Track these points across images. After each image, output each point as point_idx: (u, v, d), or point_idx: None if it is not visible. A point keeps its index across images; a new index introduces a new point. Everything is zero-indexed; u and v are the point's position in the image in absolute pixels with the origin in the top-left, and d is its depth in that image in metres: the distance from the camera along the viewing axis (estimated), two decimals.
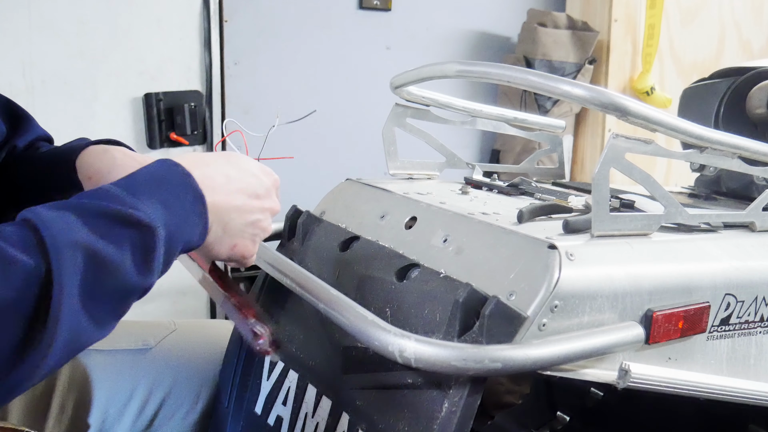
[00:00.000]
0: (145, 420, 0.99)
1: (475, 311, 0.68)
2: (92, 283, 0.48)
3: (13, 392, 0.44)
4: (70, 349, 0.47)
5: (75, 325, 0.47)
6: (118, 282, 0.51)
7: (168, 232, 0.55)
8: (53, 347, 0.44)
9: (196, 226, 0.60)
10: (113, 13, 1.76)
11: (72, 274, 0.46)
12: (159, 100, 1.82)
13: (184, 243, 0.59)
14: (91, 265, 0.48)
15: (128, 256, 0.51)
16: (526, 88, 0.77)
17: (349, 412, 0.81)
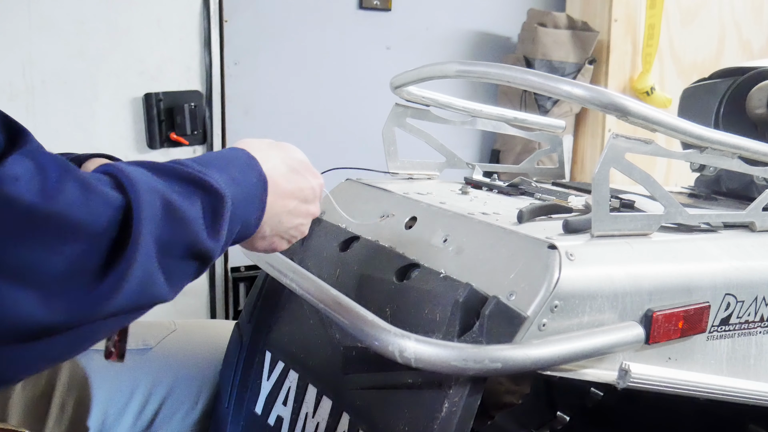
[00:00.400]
0: (145, 420, 0.99)
1: (475, 311, 0.68)
2: (167, 232, 0.49)
3: (85, 316, 0.43)
4: (141, 292, 0.47)
5: (149, 265, 0.46)
6: (189, 237, 0.51)
7: (234, 204, 0.56)
8: (128, 279, 0.44)
9: (255, 210, 0.61)
10: (113, 13, 1.76)
11: (150, 214, 0.46)
12: (159, 100, 1.82)
13: (243, 223, 0.59)
14: (167, 212, 0.49)
15: (200, 215, 0.52)
16: (526, 88, 0.77)
17: (350, 412, 0.81)
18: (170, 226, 0.49)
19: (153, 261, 0.47)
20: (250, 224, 0.61)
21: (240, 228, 0.60)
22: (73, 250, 0.42)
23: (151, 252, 0.47)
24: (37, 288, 0.41)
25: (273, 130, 2.22)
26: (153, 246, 0.47)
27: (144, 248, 0.45)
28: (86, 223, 0.43)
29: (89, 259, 0.43)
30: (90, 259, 0.43)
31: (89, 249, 0.43)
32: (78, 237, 0.42)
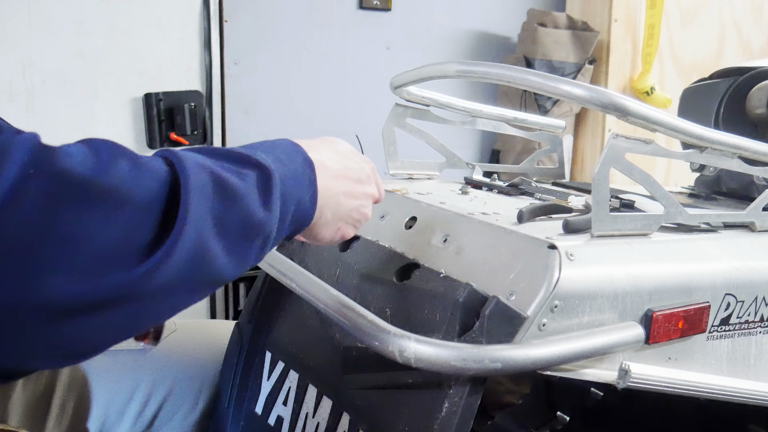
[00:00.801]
0: (146, 420, 0.99)
1: (475, 311, 0.68)
2: (219, 206, 0.49)
3: (138, 288, 0.43)
4: (195, 266, 0.47)
5: (202, 238, 0.47)
6: (242, 210, 0.51)
7: (282, 181, 0.56)
8: (178, 250, 0.45)
9: (307, 190, 0.61)
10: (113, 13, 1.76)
11: (198, 186, 0.47)
12: (159, 100, 1.82)
13: (297, 203, 0.59)
14: (216, 186, 0.49)
15: (252, 189, 0.53)
16: (526, 88, 0.77)
17: (350, 412, 0.81)
18: (221, 199, 0.49)
19: (206, 234, 0.47)
20: (306, 205, 0.61)
21: (295, 209, 0.59)
22: (124, 221, 0.42)
23: (203, 225, 0.47)
24: (89, 259, 0.41)
25: (273, 130, 2.22)
26: (205, 219, 0.47)
27: (193, 220, 0.46)
28: (136, 195, 0.44)
29: (139, 230, 0.43)
30: (140, 231, 0.44)
31: (139, 220, 0.43)
32: (128, 208, 0.43)
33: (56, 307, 0.41)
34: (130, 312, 0.45)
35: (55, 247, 0.40)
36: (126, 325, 0.47)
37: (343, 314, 0.71)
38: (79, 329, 0.43)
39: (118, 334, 0.47)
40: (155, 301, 0.46)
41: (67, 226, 0.40)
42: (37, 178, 0.40)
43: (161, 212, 0.45)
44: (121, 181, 0.43)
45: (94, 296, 0.42)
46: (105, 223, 0.42)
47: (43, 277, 0.40)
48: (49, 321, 0.41)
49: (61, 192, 0.41)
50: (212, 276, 0.50)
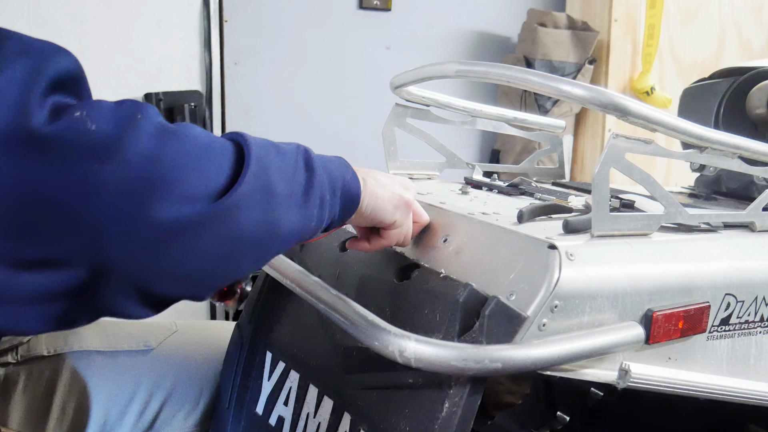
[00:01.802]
0: (147, 421, 0.99)
1: (475, 311, 0.68)
2: (276, 159, 0.58)
3: (218, 210, 0.52)
4: (265, 197, 0.56)
5: (267, 177, 0.56)
6: (293, 166, 0.60)
7: (319, 158, 0.64)
8: (247, 181, 0.54)
9: (344, 166, 0.68)
10: (113, 13, 1.76)
11: (258, 143, 0.57)
12: (159, 100, 1.82)
13: (342, 179, 0.67)
14: (272, 146, 0.60)
15: (296, 154, 0.62)
16: (526, 88, 0.77)
17: (351, 412, 0.81)
18: (276, 155, 0.59)
19: (270, 176, 0.57)
20: (348, 179, 0.67)
21: (343, 185, 0.66)
22: (207, 163, 0.53)
23: (266, 168, 0.56)
24: (187, 189, 0.51)
25: (273, 130, 2.22)
26: (267, 165, 0.57)
27: (256, 161, 0.55)
28: (214, 144, 0.55)
29: (220, 169, 0.54)
30: (220, 170, 0.54)
31: (219, 163, 0.54)
32: (209, 153, 0.54)
33: (165, 225, 0.50)
34: (219, 235, 0.53)
35: (163, 176, 0.49)
36: (219, 249, 0.54)
37: (343, 314, 0.72)
38: (185, 247, 0.51)
39: (216, 258, 0.54)
40: (237, 227, 0.54)
41: (170, 161, 0.50)
42: (144, 122, 0.50)
43: (233, 160, 0.55)
44: (202, 136, 0.54)
45: (191, 217, 0.51)
46: (195, 162, 0.52)
47: (154, 201, 0.49)
48: (162, 238, 0.50)
49: (165, 135, 0.50)
50: (284, 215, 0.58)
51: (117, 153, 0.48)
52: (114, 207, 0.48)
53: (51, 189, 0.46)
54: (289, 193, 0.59)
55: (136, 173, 0.48)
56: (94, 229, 0.48)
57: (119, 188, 0.48)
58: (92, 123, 0.48)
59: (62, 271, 0.48)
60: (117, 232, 0.48)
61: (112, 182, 0.47)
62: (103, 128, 0.48)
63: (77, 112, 0.48)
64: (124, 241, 0.49)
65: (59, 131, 0.46)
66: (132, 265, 0.50)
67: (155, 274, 0.52)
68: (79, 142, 0.47)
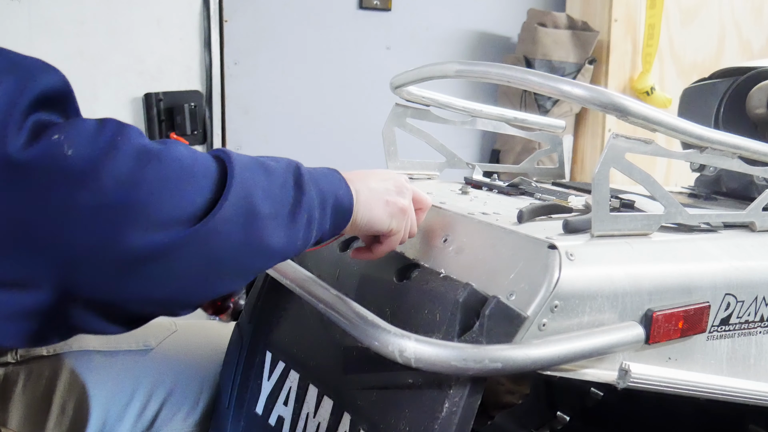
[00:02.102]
0: (146, 421, 0.99)
1: (475, 311, 0.68)
2: (262, 179, 0.58)
3: (196, 234, 0.52)
4: (246, 220, 0.55)
5: (249, 198, 0.56)
6: (283, 184, 0.60)
7: (309, 172, 0.64)
8: (228, 203, 0.54)
9: (337, 181, 0.68)
10: (113, 13, 1.76)
11: (242, 164, 0.57)
12: (159, 100, 1.83)
13: (334, 195, 0.66)
14: (257, 165, 0.59)
15: (285, 171, 0.62)
16: (526, 88, 0.77)
17: (351, 412, 0.81)
18: (262, 174, 0.59)
19: (253, 197, 0.56)
20: (341, 193, 0.67)
21: (335, 200, 0.66)
22: (186, 186, 0.53)
23: (249, 188, 0.56)
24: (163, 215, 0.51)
25: (273, 130, 2.22)
26: (250, 185, 0.56)
27: (239, 182, 0.55)
28: (196, 167, 0.54)
29: (200, 192, 0.54)
30: (200, 192, 0.54)
31: (200, 185, 0.54)
32: (190, 177, 0.53)
33: (137, 252, 0.50)
34: (196, 259, 0.53)
35: (139, 201, 0.49)
36: (196, 272, 0.54)
37: (343, 314, 0.71)
38: (159, 272, 0.51)
39: (193, 280, 0.54)
40: (215, 250, 0.54)
41: (148, 185, 0.50)
42: (124, 144, 0.49)
43: (215, 182, 0.54)
44: (185, 158, 0.54)
45: (166, 243, 0.50)
46: (174, 185, 0.51)
47: (129, 227, 0.49)
48: (133, 265, 0.50)
49: (144, 158, 0.50)
50: (266, 236, 0.57)
51: (93, 179, 0.48)
52: (86, 233, 0.48)
53: (23, 213, 0.47)
54: (274, 214, 0.58)
55: (111, 199, 0.48)
56: (65, 254, 0.48)
57: (92, 214, 0.48)
58: (69, 147, 0.47)
59: (32, 292, 0.49)
60: (87, 258, 0.49)
61: (85, 208, 0.47)
62: (80, 152, 0.47)
63: (56, 135, 0.47)
64: (94, 267, 0.49)
65: (35, 157, 0.46)
66: (101, 290, 0.50)
67: (126, 298, 0.52)
68: (54, 168, 0.47)
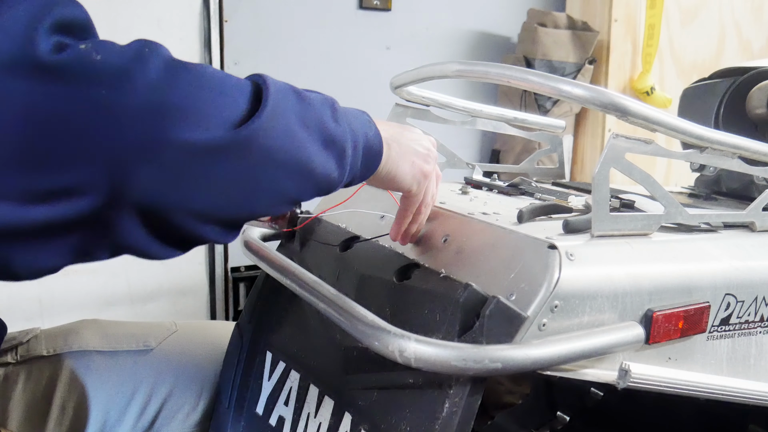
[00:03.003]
0: (146, 421, 0.99)
1: (475, 311, 0.68)
2: (297, 105, 0.58)
3: (236, 139, 0.52)
4: (283, 134, 0.56)
5: (286, 117, 0.56)
6: (318, 115, 0.60)
7: (344, 111, 0.64)
8: (265, 116, 0.54)
9: (368, 124, 0.68)
10: (113, 13, 1.76)
11: (279, 87, 0.57)
12: None
13: (365, 136, 0.66)
14: (294, 92, 0.59)
15: (321, 103, 0.62)
16: (526, 88, 0.77)
17: (352, 412, 0.81)
18: (298, 101, 0.58)
19: (289, 118, 0.56)
20: (370, 135, 0.67)
21: (364, 141, 0.66)
22: (221, 94, 0.53)
23: (285, 109, 0.56)
24: (202, 116, 0.51)
25: None
26: (286, 107, 0.56)
27: (274, 103, 0.55)
28: (227, 81, 0.54)
29: (243, 104, 0.54)
30: (236, 105, 0.54)
31: (235, 97, 0.54)
32: (225, 87, 0.53)
33: (184, 147, 0.50)
34: (236, 165, 0.53)
35: (176, 103, 0.50)
36: (236, 181, 0.54)
37: (343, 314, 0.71)
38: (204, 174, 0.51)
39: (234, 191, 0.54)
40: (261, 157, 0.54)
41: (182, 90, 0.50)
42: (152, 54, 0.50)
43: (250, 96, 0.54)
44: (217, 72, 0.54)
45: (209, 143, 0.50)
46: (208, 94, 0.52)
47: (168, 126, 0.49)
48: (180, 161, 0.50)
49: (175, 68, 0.50)
50: (303, 158, 0.57)
51: (125, 82, 0.48)
52: (129, 131, 0.48)
53: (61, 115, 0.46)
54: (309, 138, 0.58)
55: (147, 99, 0.48)
56: (109, 154, 0.47)
57: (132, 113, 0.48)
58: (98, 54, 0.48)
59: (76, 200, 0.48)
60: (133, 155, 0.48)
61: (123, 107, 0.47)
62: (109, 59, 0.48)
63: (82, 45, 0.48)
64: (141, 164, 0.48)
65: (64, 59, 0.46)
66: (148, 190, 0.49)
67: (173, 202, 0.51)
68: (85, 71, 0.47)
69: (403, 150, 0.72)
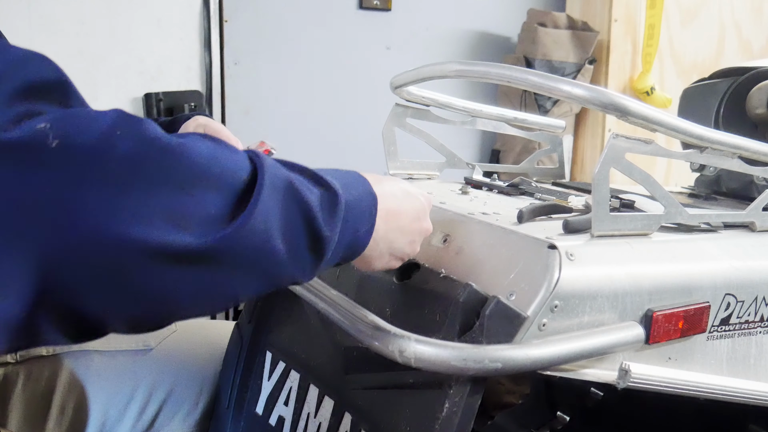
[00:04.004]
0: (146, 421, 0.99)
1: (475, 311, 0.68)
2: (286, 210, 0.53)
3: (204, 249, 0.47)
4: (259, 247, 0.50)
5: (267, 227, 0.50)
6: (308, 222, 0.55)
7: (347, 204, 0.59)
8: (245, 229, 0.49)
9: (365, 222, 0.63)
10: (113, 13, 1.77)
11: (272, 186, 0.51)
12: (159, 100, 1.83)
13: (353, 233, 0.61)
14: (288, 192, 0.53)
15: (318, 206, 0.56)
16: (526, 88, 0.77)
17: (352, 412, 0.81)
18: (290, 204, 0.53)
19: (271, 226, 0.51)
20: (359, 237, 0.63)
21: (351, 239, 0.61)
22: (201, 192, 0.47)
23: (270, 217, 0.51)
24: (166, 217, 0.46)
25: (273, 130, 2.22)
26: (273, 214, 0.51)
27: (263, 210, 0.50)
28: (213, 172, 0.49)
29: (215, 203, 0.48)
30: (215, 204, 0.48)
31: (216, 195, 0.48)
32: (207, 183, 0.48)
33: (139, 250, 0.45)
34: (200, 274, 0.48)
35: (138, 197, 0.44)
36: (198, 288, 0.49)
37: (343, 314, 0.71)
38: (161, 278, 0.46)
39: (192, 296, 0.49)
40: (224, 270, 0.49)
41: (149, 178, 0.45)
42: (123, 138, 0.44)
43: (237, 195, 0.49)
44: (202, 159, 0.48)
45: (171, 248, 0.45)
46: (181, 191, 0.46)
47: (130, 222, 0.44)
48: (137, 264, 0.45)
49: (144, 154, 0.45)
50: (273, 268, 0.52)
51: (80, 174, 0.43)
52: (72, 229, 0.43)
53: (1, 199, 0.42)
54: (286, 249, 0.53)
55: (101, 196, 0.43)
56: (44, 253, 0.42)
57: (80, 209, 0.43)
58: (55, 138, 0.42)
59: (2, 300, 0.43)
60: (73, 257, 0.43)
61: (71, 201, 0.43)
62: (66, 143, 0.43)
63: (42, 123, 0.43)
64: (80, 267, 0.44)
65: (14, 139, 0.42)
66: (82, 295, 0.45)
67: (107, 309, 0.47)
68: (35, 155, 0.42)
69: (387, 250, 0.69)
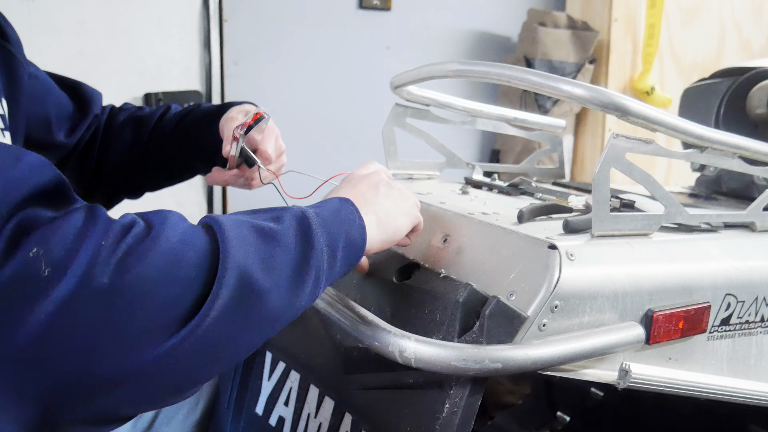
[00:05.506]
0: (146, 421, 0.99)
1: (475, 311, 0.68)
2: (261, 249, 0.54)
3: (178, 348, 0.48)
4: (243, 302, 0.51)
5: (246, 277, 0.51)
6: (286, 248, 0.56)
7: (319, 219, 0.61)
8: (221, 298, 0.49)
9: (349, 217, 0.64)
10: (113, 13, 1.76)
11: (238, 238, 0.52)
12: (159, 100, 1.82)
13: (346, 233, 0.63)
14: (256, 233, 0.54)
15: (289, 228, 0.57)
16: (526, 88, 0.77)
17: (352, 413, 0.81)
18: (262, 242, 0.54)
19: (251, 274, 0.51)
20: (353, 230, 0.64)
21: (345, 237, 0.63)
22: (165, 300, 0.48)
23: (247, 267, 0.51)
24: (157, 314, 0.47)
25: None
26: (247, 262, 0.52)
27: (234, 265, 0.50)
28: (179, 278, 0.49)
29: (183, 299, 0.48)
30: (184, 299, 0.48)
31: (184, 292, 0.49)
32: (171, 290, 0.48)
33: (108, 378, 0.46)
34: (193, 355, 0.49)
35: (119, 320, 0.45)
36: (193, 366, 0.50)
37: (343, 314, 0.71)
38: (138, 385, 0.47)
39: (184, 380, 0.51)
40: (211, 346, 0.50)
41: (130, 298, 0.46)
42: (105, 252, 0.45)
43: (204, 279, 0.49)
44: (171, 252, 0.48)
45: (153, 357, 0.46)
46: (158, 295, 0.47)
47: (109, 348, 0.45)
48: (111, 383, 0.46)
49: (124, 268, 0.46)
50: (266, 312, 0.53)
51: (68, 301, 0.44)
52: (67, 356, 0.44)
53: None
54: (276, 285, 0.54)
55: (88, 321, 0.44)
56: (42, 391, 0.44)
57: (70, 336, 0.44)
58: (47, 266, 0.43)
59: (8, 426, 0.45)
60: (69, 382, 0.45)
61: (62, 330, 0.43)
62: (57, 272, 0.43)
63: (33, 248, 0.43)
64: (77, 390, 0.45)
65: (9, 277, 0.42)
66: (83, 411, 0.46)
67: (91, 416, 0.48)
68: (27, 288, 0.43)
69: (388, 217, 0.70)
